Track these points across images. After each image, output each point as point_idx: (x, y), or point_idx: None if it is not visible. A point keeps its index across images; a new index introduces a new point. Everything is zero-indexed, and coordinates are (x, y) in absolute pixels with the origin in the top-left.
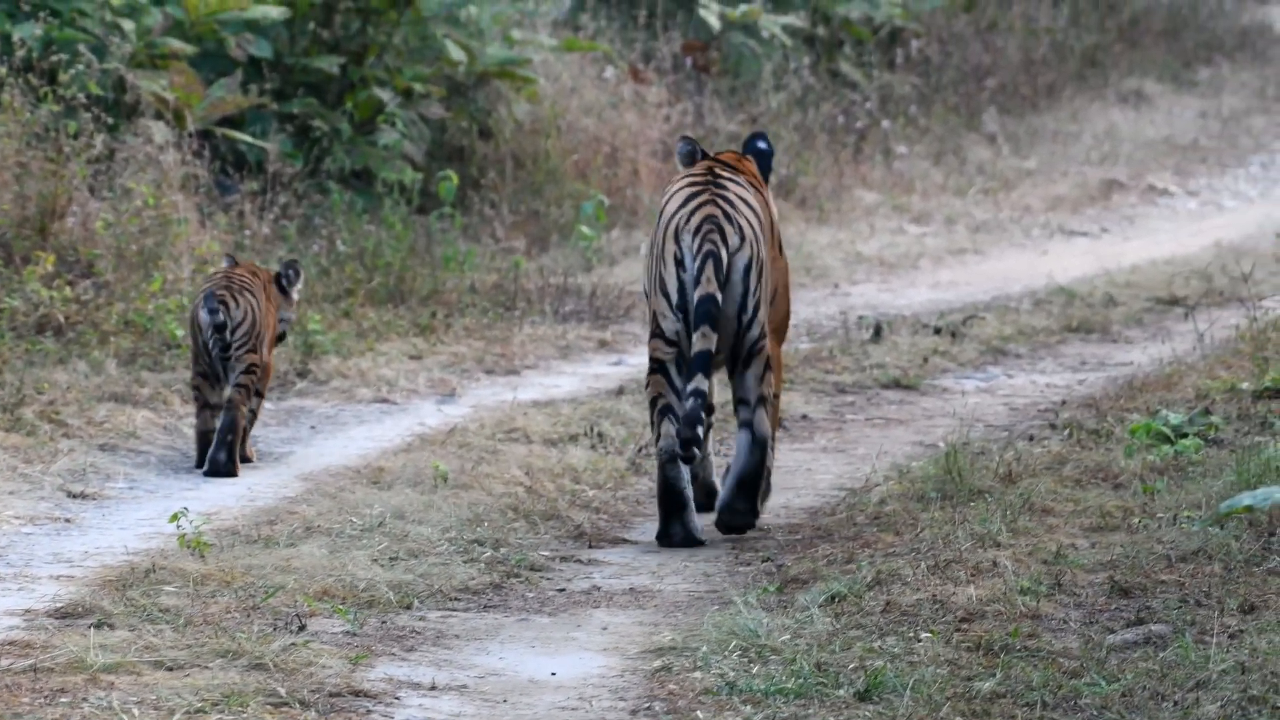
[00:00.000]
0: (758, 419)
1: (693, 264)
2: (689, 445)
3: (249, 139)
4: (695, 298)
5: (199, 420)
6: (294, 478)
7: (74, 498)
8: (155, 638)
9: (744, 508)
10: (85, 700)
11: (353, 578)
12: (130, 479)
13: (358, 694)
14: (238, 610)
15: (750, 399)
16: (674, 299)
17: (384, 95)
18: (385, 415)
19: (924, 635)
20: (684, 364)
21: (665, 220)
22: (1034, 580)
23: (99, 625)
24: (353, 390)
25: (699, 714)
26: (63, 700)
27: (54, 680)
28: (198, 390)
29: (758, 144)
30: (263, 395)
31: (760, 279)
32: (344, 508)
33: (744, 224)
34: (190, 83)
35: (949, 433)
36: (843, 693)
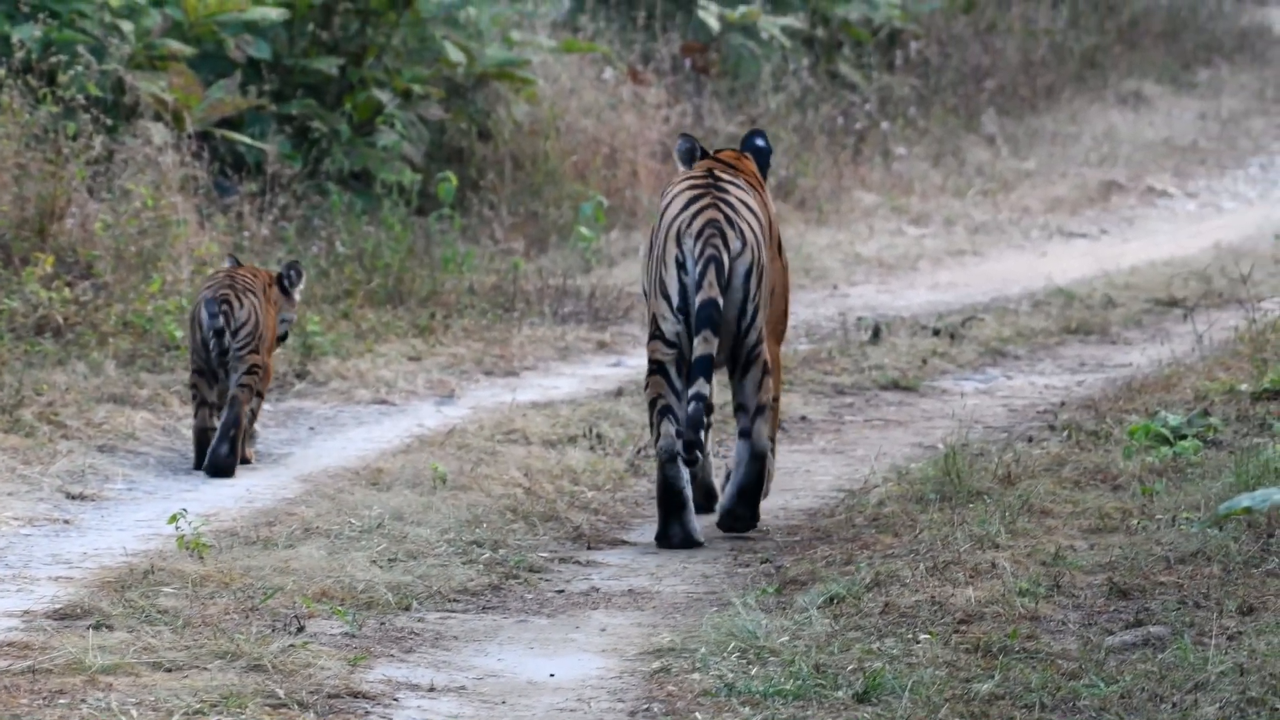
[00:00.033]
0: (756, 431)
1: (694, 268)
2: (692, 448)
3: (248, 140)
4: (697, 302)
5: (197, 418)
6: (292, 479)
7: (73, 499)
8: (154, 639)
9: (745, 514)
10: (84, 701)
11: (351, 579)
12: (129, 480)
13: (356, 695)
14: (236, 611)
15: (749, 406)
16: (675, 301)
17: (383, 96)
18: (384, 416)
19: (923, 637)
20: (684, 366)
21: (666, 222)
22: (1033, 582)
23: (98, 626)
24: (351, 391)
25: (697, 715)
26: (61, 701)
27: (52, 681)
28: (195, 388)
29: (756, 141)
30: (262, 396)
31: (760, 285)
32: (343, 509)
33: (745, 228)
34: (189, 84)
35: (948, 434)
36: (841, 694)
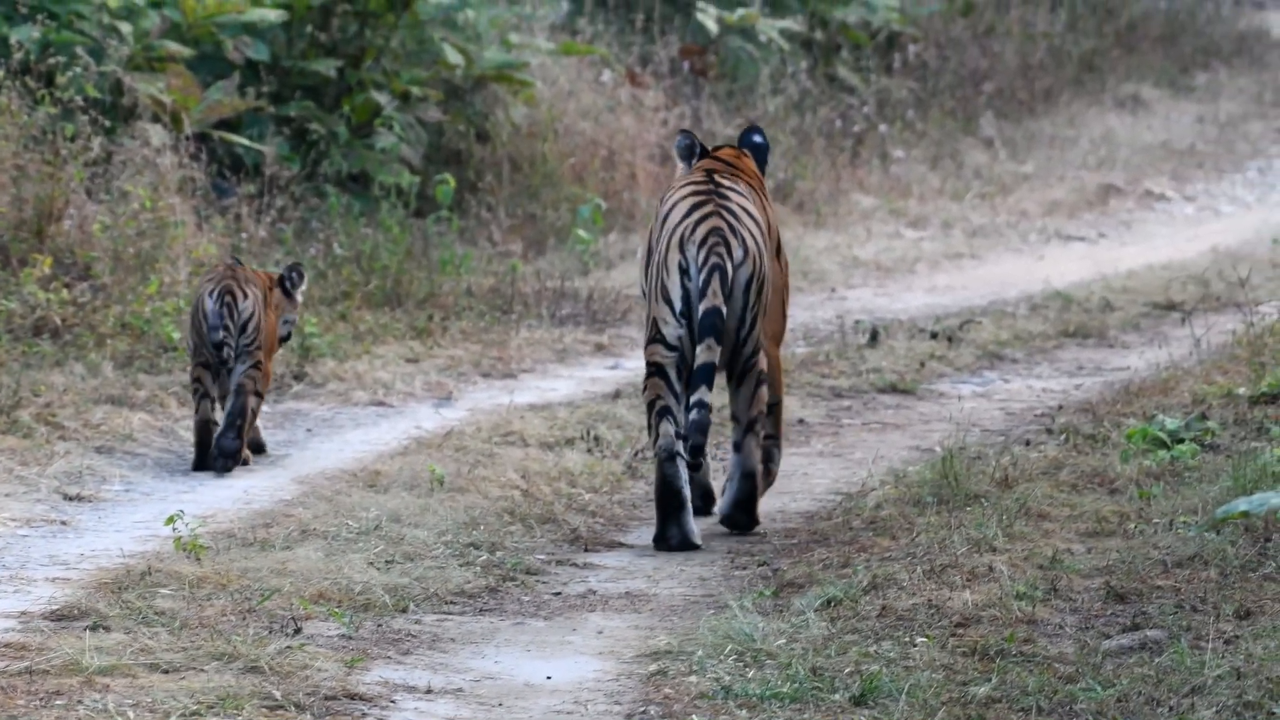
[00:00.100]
0: (746, 448)
1: (698, 275)
2: (698, 453)
3: (246, 142)
4: (700, 310)
5: (199, 412)
6: (290, 481)
7: (70, 500)
8: (151, 640)
9: (744, 520)
10: (81, 703)
11: (348, 581)
12: (126, 481)
13: (353, 697)
14: (233, 613)
15: (741, 418)
16: (677, 306)
17: (381, 98)
18: (381, 418)
19: (919, 640)
20: (684, 370)
21: (669, 229)
22: (1030, 585)
23: (94, 627)
24: (349, 393)
25: (694, 718)
26: (58, 702)
27: (49, 682)
28: (198, 381)
29: (754, 138)
30: (262, 397)
31: (760, 295)
32: (340, 511)
33: (747, 236)
34: (187, 85)
35: (945, 437)
36: (838, 697)
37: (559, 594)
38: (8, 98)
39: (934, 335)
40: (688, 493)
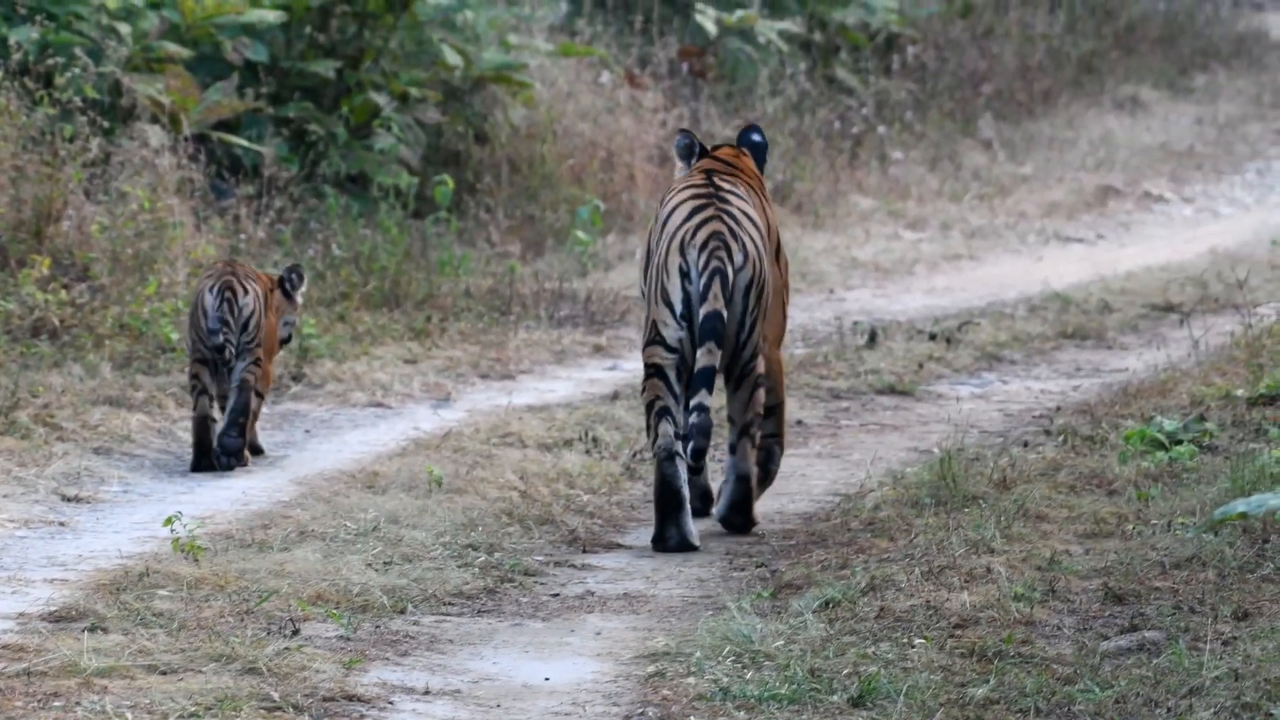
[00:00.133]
0: (741, 451)
1: (699, 279)
2: (700, 456)
3: (245, 143)
4: (701, 314)
5: (197, 407)
6: (288, 482)
7: (68, 501)
8: (149, 642)
9: (739, 521)
10: (79, 704)
11: (347, 582)
12: (124, 483)
13: (351, 698)
14: (231, 614)
15: (736, 421)
16: (678, 309)
17: (380, 100)
18: (380, 419)
19: (918, 641)
20: (684, 372)
21: (669, 232)
22: (1028, 586)
23: (93, 629)
24: (347, 394)
25: (692, 719)
26: (56, 704)
27: (47, 684)
28: (196, 378)
29: (752, 137)
30: (262, 397)
31: (760, 299)
32: (338, 512)
33: (747, 241)
34: (186, 86)
35: (944, 439)
36: (836, 699)
37: (557, 595)
38: (6, 99)
39: (932, 336)
40: (687, 493)
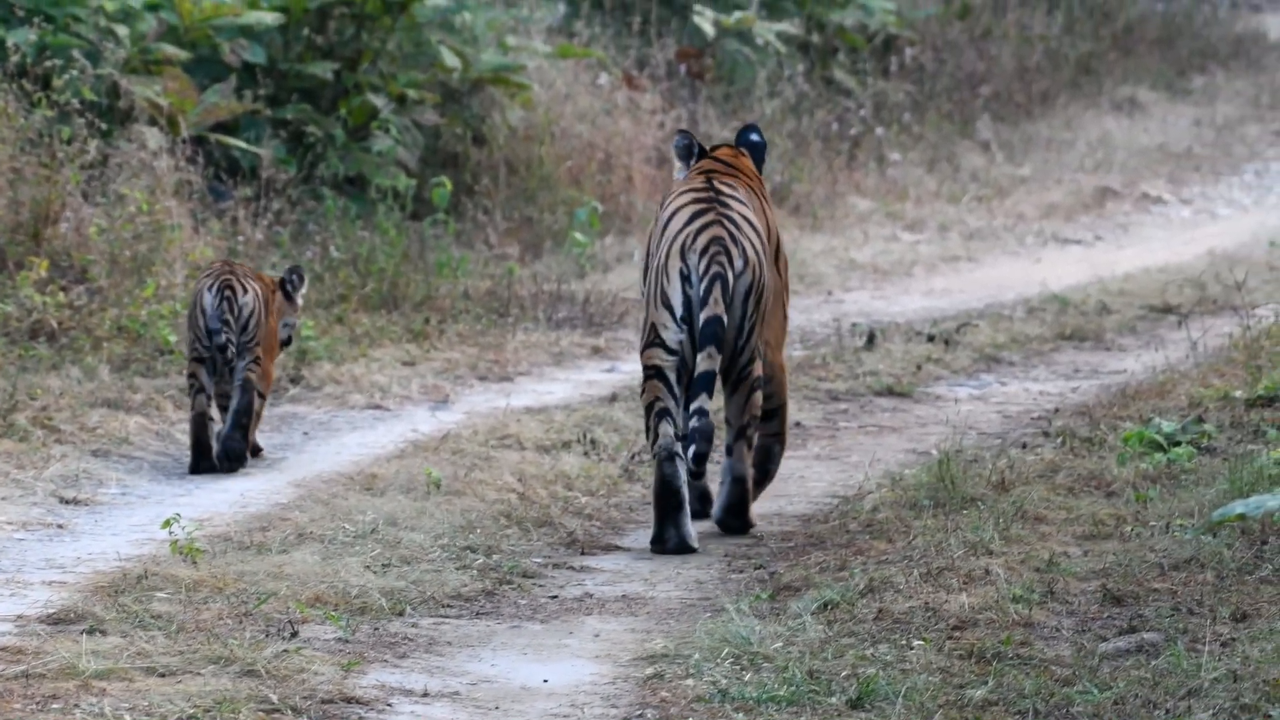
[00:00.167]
0: (737, 452)
1: (699, 284)
2: (702, 461)
3: (243, 145)
4: (702, 319)
5: (195, 405)
6: (286, 484)
7: (66, 503)
8: (147, 644)
9: (735, 523)
10: (77, 706)
11: (345, 584)
12: (123, 485)
13: (350, 701)
14: (230, 617)
15: (733, 424)
16: (678, 312)
17: (378, 101)
18: (378, 421)
19: (916, 643)
20: (684, 374)
21: (670, 236)
22: (1026, 588)
23: (91, 631)
24: (346, 396)
25: None
26: (55, 706)
27: (46, 686)
28: (194, 377)
29: (751, 137)
30: (264, 397)
31: (759, 303)
32: (336, 514)
33: (748, 246)
34: (184, 88)
35: (942, 440)
36: (835, 700)
37: (555, 597)
38: (4, 101)
39: (931, 338)
40: (686, 493)
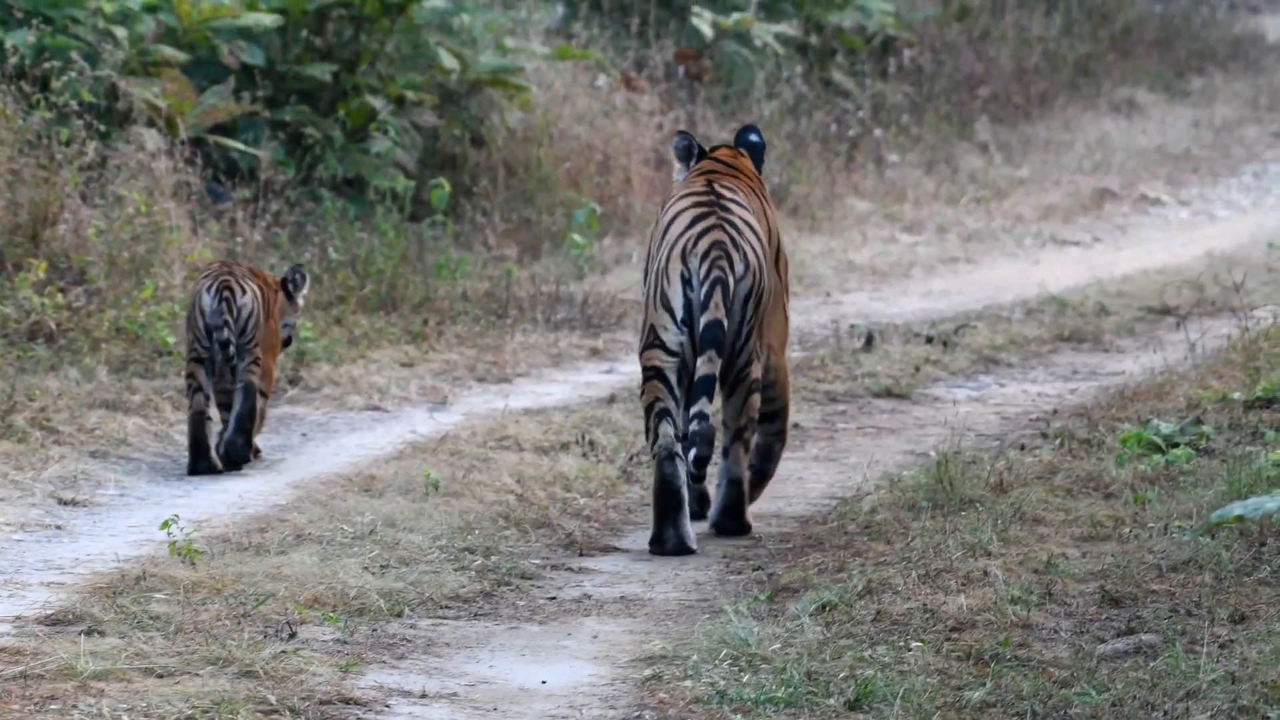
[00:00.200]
0: (734, 455)
1: (700, 288)
2: (703, 464)
3: (241, 146)
4: (702, 323)
5: (192, 404)
6: (285, 485)
7: (65, 504)
8: (146, 645)
9: (732, 525)
10: (75, 707)
11: (343, 585)
12: (121, 486)
13: (348, 702)
14: (228, 617)
15: (730, 425)
16: (679, 315)
17: (376, 103)
18: (376, 423)
19: (914, 644)
20: (683, 375)
21: (671, 240)
22: (1025, 589)
23: (89, 632)
24: (344, 397)
25: None
26: (53, 707)
27: (44, 687)
28: (192, 376)
29: (750, 137)
30: (266, 397)
31: (758, 307)
32: (335, 515)
33: (748, 250)
34: (182, 90)
35: (940, 442)
36: (833, 702)
37: (554, 598)
38: (3, 102)
39: (929, 340)
40: (685, 493)
